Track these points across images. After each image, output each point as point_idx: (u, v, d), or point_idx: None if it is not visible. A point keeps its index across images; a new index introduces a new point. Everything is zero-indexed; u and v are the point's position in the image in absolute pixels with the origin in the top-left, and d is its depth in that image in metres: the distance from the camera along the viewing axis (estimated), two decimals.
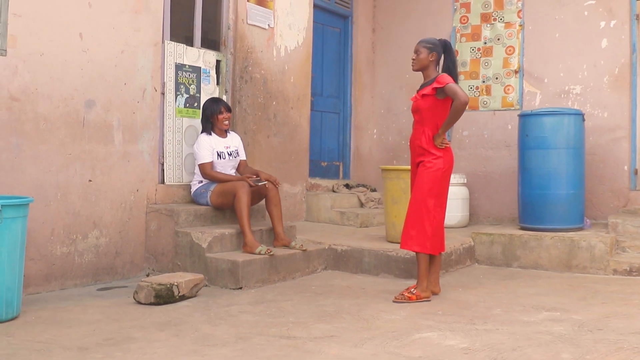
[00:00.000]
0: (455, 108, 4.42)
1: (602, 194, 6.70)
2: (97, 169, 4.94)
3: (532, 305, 4.35)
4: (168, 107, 5.55)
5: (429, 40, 4.69)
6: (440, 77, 4.50)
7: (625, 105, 6.65)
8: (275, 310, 4.19)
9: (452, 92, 4.41)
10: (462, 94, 4.38)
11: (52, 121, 4.63)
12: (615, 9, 6.69)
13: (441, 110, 4.56)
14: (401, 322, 3.91)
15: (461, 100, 4.38)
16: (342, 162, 7.99)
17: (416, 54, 4.67)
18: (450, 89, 4.42)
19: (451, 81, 4.46)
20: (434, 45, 4.63)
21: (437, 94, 4.53)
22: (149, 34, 5.32)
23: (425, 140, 4.57)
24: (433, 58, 4.62)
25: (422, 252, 4.49)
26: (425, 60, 4.63)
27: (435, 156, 4.53)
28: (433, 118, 4.56)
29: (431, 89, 4.54)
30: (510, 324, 3.84)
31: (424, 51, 4.63)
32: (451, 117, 4.48)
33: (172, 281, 4.37)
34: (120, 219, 5.12)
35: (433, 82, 4.54)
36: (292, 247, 5.39)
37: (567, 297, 4.65)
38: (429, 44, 4.64)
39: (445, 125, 4.51)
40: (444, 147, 4.56)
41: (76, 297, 4.50)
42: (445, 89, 4.44)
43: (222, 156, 5.55)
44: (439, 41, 4.69)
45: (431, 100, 4.55)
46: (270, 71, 6.51)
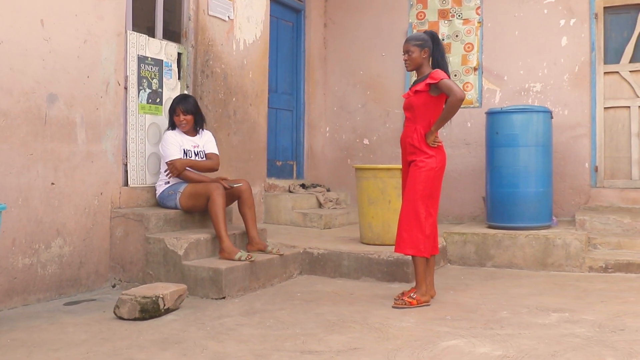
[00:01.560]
0: (450, 104, 4.27)
1: (563, 191, 6.77)
2: (60, 170, 4.46)
3: (535, 307, 4.26)
4: (131, 103, 5.11)
5: (418, 37, 4.50)
6: (434, 72, 4.34)
7: (586, 103, 6.75)
8: (274, 322, 3.89)
9: (447, 88, 4.25)
10: (457, 90, 4.23)
11: (12, 117, 4.12)
12: (574, 8, 6.78)
13: (434, 107, 4.40)
14: (415, 329, 3.72)
15: (457, 97, 4.22)
16: (296, 162, 7.72)
17: (407, 54, 4.46)
18: (445, 85, 4.26)
19: (445, 77, 4.31)
20: (424, 41, 4.45)
21: (430, 90, 4.36)
22: (112, 23, 4.87)
23: (417, 139, 4.39)
24: (425, 55, 4.44)
25: (417, 255, 4.32)
26: (418, 59, 4.44)
27: (428, 155, 4.36)
28: (426, 115, 4.39)
29: (424, 85, 4.36)
30: (528, 328, 3.72)
31: (415, 50, 4.44)
32: (445, 114, 4.32)
33: (157, 293, 3.98)
34: (84, 225, 4.65)
35: (426, 78, 4.37)
36: (269, 251, 5.09)
37: (562, 297, 4.60)
38: (418, 41, 4.45)
39: (438, 123, 4.35)
40: (437, 146, 4.40)
41: (45, 314, 4.02)
42: (439, 85, 4.28)
43: (188, 154, 5.16)
44: (426, 34, 4.52)
45: (424, 97, 4.38)
46: (230, 66, 6.17)
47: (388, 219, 5.47)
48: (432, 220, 4.34)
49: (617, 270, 5.47)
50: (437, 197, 4.40)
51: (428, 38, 4.47)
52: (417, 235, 4.28)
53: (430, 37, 4.48)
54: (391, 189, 5.45)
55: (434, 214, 4.36)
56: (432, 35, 4.51)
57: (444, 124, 4.35)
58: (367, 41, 7.77)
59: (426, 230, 4.29)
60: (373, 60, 7.74)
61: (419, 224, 4.28)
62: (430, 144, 4.37)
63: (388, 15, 7.63)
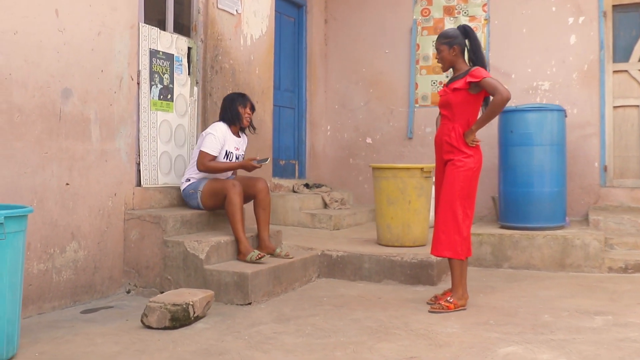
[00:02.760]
0: (495, 104, 4.09)
1: (573, 190, 6.69)
2: (75, 170, 4.19)
3: (574, 310, 4.14)
4: (143, 99, 4.86)
5: (446, 34, 4.32)
6: (475, 70, 4.16)
7: (595, 102, 6.69)
8: (312, 329, 3.69)
9: (491, 88, 4.08)
10: (503, 90, 4.06)
11: (27, 113, 3.85)
12: (583, 6, 6.71)
13: (473, 105, 4.23)
14: (464, 335, 3.56)
15: (503, 96, 4.04)
16: (298, 161, 7.51)
17: (438, 53, 4.31)
18: (489, 84, 4.09)
19: (487, 75, 4.13)
20: (453, 37, 4.27)
21: (470, 89, 4.19)
22: (126, 15, 4.61)
23: (455, 137, 4.23)
24: (456, 52, 4.27)
25: (455, 257, 4.16)
26: (449, 57, 4.27)
27: (466, 154, 4.20)
28: (464, 113, 4.22)
29: (464, 82, 4.18)
30: (579, 332, 3.59)
31: (443, 49, 4.27)
32: (489, 114, 4.14)
33: (187, 300, 3.75)
34: (98, 228, 4.39)
35: (466, 75, 4.19)
36: (277, 254, 4.87)
37: (595, 299, 4.49)
38: (446, 38, 4.28)
39: (480, 122, 4.17)
40: (475, 145, 4.24)
41: (65, 324, 3.76)
42: (481, 84, 4.11)
43: (230, 157, 4.93)
44: (457, 30, 4.35)
45: (463, 95, 4.21)
46: (238, 61, 5.93)
47: (408, 220, 5.31)
48: (468, 222, 4.18)
49: (637, 270, 5.39)
50: (474, 197, 4.24)
51: (458, 33, 4.29)
52: (455, 237, 4.12)
53: (461, 32, 4.31)
54: (411, 189, 5.29)
55: (471, 215, 4.20)
56: (464, 29, 4.33)
57: (486, 123, 4.19)
58: (370, 38, 7.60)
59: (464, 232, 4.13)
60: (376, 57, 7.57)
61: (456, 226, 4.12)
62: (470, 143, 4.21)
63: (391, 12, 7.47)
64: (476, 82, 4.11)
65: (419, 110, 7.35)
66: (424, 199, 5.37)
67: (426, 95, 7.30)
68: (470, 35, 4.30)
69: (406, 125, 7.40)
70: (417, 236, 5.38)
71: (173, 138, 5.17)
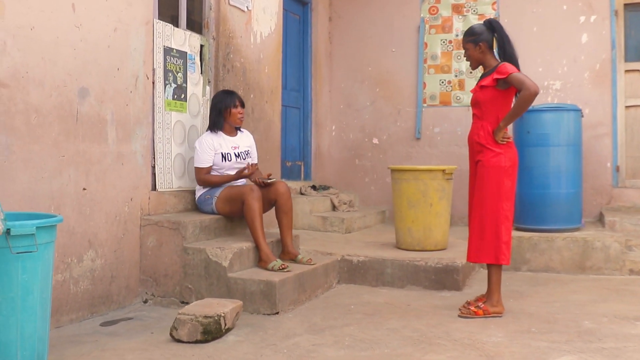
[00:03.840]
0: (522, 99, 3.93)
1: (585, 191, 6.57)
2: (92, 174, 3.96)
3: (613, 315, 4.02)
4: (158, 99, 4.63)
5: (471, 31, 4.15)
6: (502, 66, 4.01)
7: (607, 102, 6.60)
8: (351, 340, 3.51)
9: (518, 82, 3.92)
10: (530, 84, 3.90)
11: (44, 114, 3.62)
12: (595, 4, 6.62)
13: (503, 102, 4.07)
14: (512, 345, 3.40)
15: (530, 91, 3.88)
16: (304, 162, 7.32)
17: (465, 51, 4.16)
18: (516, 79, 3.93)
19: (514, 70, 3.98)
20: (478, 34, 4.11)
21: (497, 85, 4.03)
22: (141, 10, 4.39)
23: (484, 136, 4.06)
24: (482, 49, 4.11)
25: (497, 263, 4.00)
26: (475, 55, 4.12)
27: (495, 153, 4.03)
28: (493, 111, 4.06)
29: (491, 79, 4.03)
30: (628, 340, 3.48)
31: (469, 47, 4.12)
32: (516, 109, 3.99)
33: (218, 312, 3.54)
34: (115, 235, 4.17)
35: (493, 71, 4.05)
36: (299, 260, 4.68)
37: (628, 304, 4.37)
38: (471, 36, 4.11)
39: (507, 118, 4.00)
40: (506, 143, 4.08)
41: (87, 338, 3.54)
42: (508, 80, 3.95)
43: (228, 157, 4.74)
44: (483, 26, 4.19)
45: (491, 92, 4.05)
46: (249, 60, 5.73)
47: (429, 223, 5.16)
48: (508, 225, 4.01)
49: None
50: (512, 198, 4.07)
51: (484, 29, 4.13)
52: (494, 242, 3.96)
53: (487, 27, 4.15)
54: (433, 192, 5.14)
55: (510, 218, 4.04)
56: (491, 23, 4.16)
57: (514, 119, 4.03)
58: (376, 36, 7.43)
59: (503, 236, 3.97)
60: (382, 56, 7.41)
61: (495, 230, 3.96)
62: (499, 140, 4.04)
63: (398, 10, 7.32)
64: (503, 79, 3.96)
65: (427, 110, 7.20)
66: (445, 201, 5.22)
67: (434, 94, 7.16)
68: (497, 29, 4.13)
69: (414, 125, 7.25)
70: (439, 240, 5.23)
71: (186, 139, 4.95)
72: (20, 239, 2.65)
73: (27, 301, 2.71)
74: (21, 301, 2.69)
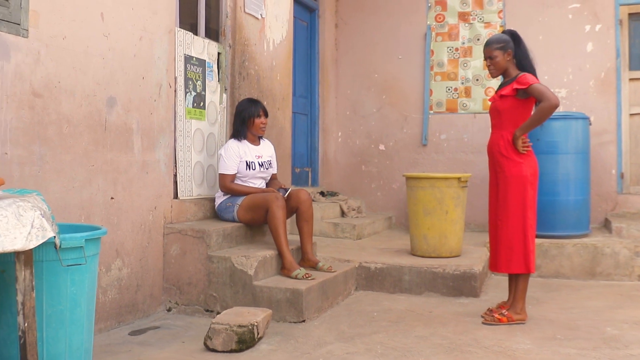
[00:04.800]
0: (542, 110, 3.98)
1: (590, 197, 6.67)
2: (119, 183, 3.97)
3: (633, 321, 4.10)
4: (179, 107, 4.64)
5: (498, 39, 4.19)
6: (522, 76, 4.06)
7: (612, 110, 6.69)
8: (383, 348, 3.55)
9: (539, 94, 3.98)
10: (551, 96, 3.95)
11: (75, 124, 3.62)
12: (600, 13, 6.71)
13: (523, 112, 4.11)
14: (543, 352, 3.46)
15: (551, 103, 3.94)
16: (311, 168, 7.35)
17: (490, 59, 4.16)
18: (537, 90, 3.99)
19: (535, 81, 4.03)
20: (506, 42, 4.17)
21: (517, 95, 4.09)
22: (165, 19, 4.40)
23: (504, 146, 4.11)
24: (510, 57, 4.16)
25: (526, 272, 4.06)
26: (503, 63, 4.16)
27: (516, 162, 4.08)
28: (513, 120, 4.10)
29: (511, 89, 4.08)
30: None
31: (498, 54, 4.14)
32: (534, 120, 4.03)
33: (251, 321, 3.56)
34: (140, 244, 4.17)
35: (513, 81, 4.10)
36: (319, 268, 4.71)
37: None
38: (500, 43, 4.16)
39: (523, 127, 4.02)
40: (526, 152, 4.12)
41: (119, 348, 3.54)
42: (529, 91, 4.01)
43: (252, 166, 4.76)
44: (506, 34, 4.25)
45: (511, 102, 4.10)
46: (262, 67, 5.75)
47: (445, 230, 5.20)
48: (533, 233, 4.07)
49: None
50: (534, 207, 4.12)
51: (509, 38, 4.20)
52: (523, 252, 4.02)
53: (510, 37, 4.21)
54: (449, 199, 5.19)
55: (534, 227, 4.10)
56: (512, 34, 4.23)
57: (530, 129, 4.06)
58: (382, 43, 7.48)
59: (530, 245, 4.03)
60: (389, 63, 7.45)
61: (523, 239, 4.02)
62: (520, 150, 4.09)
63: (404, 17, 7.37)
64: (524, 89, 4.01)
65: (434, 116, 7.26)
66: (460, 209, 5.28)
67: (441, 101, 7.22)
68: (518, 40, 4.20)
69: (420, 131, 7.30)
70: (454, 247, 5.28)
71: (205, 147, 4.96)
72: (70, 252, 2.66)
73: (75, 314, 2.71)
74: (69, 314, 2.69)
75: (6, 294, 2.58)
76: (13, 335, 2.59)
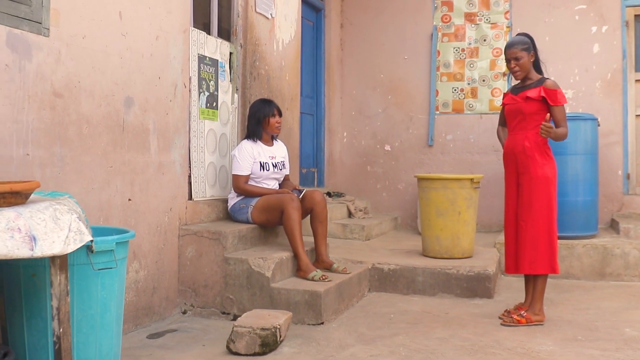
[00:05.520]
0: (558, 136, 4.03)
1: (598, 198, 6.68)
2: (136, 184, 3.92)
3: None
4: (193, 107, 4.60)
5: (521, 40, 4.17)
6: (555, 91, 4.02)
7: (618, 111, 6.70)
8: (407, 351, 3.52)
9: (560, 119, 4.05)
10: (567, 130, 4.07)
11: (94, 124, 3.57)
12: (606, 15, 6.72)
13: (544, 113, 4.12)
14: (566, 353, 3.46)
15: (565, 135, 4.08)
16: (317, 168, 7.32)
17: (516, 60, 4.12)
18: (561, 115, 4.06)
19: (565, 101, 4.08)
20: (529, 43, 4.15)
21: (543, 100, 4.09)
22: (179, 18, 4.35)
23: (530, 147, 4.10)
24: (533, 58, 4.16)
25: (554, 273, 4.07)
26: (527, 64, 4.14)
27: (540, 164, 4.08)
28: (538, 123, 4.09)
29: (539, 95, 4.07)
30: None
31: (523, 54, 4.12)
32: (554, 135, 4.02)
33: (274, 324, 3.52)
34: (156, 245, 4.12)
35: (538, 85, 4.08)
36: (334, 270, 4.68)
37: None
38: (524, 44, 4.13)
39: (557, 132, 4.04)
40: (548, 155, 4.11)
41: (140, 352, 3.50)
42: (553, 110, 4.04)
43: (266, 167, 4.72)
44: (526, 37, 4.24)
45: (538, 106, 4.10)
46: (272, 67, 5.71)
47: (458, 232, 5.19)
48: (556, 233, 4.08)
49: None
50: (556, 208, 4.12)
51: (530, 39, 4.19)
52: (549, 252, 4.04)
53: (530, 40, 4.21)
54: (461, 200, 5.17)
55: (556, 228, 4.10)
56: (530, 37, 4.24)
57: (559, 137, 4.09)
58: (388, 43, 7.46)
59: (555, 245, 4.04)
60: (394, 63, 7.43)
61: (549, 240, 4.04)
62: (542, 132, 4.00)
63: (411, 17, 7.35)
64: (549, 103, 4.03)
65: (440, 117, 7.25)
66: (472, 210, 5.27)
67: (447, 102, 7.20)
68: (535, 44, 4.20)
69: (426, 132, 7.29)
70: (466, 248, 5.26)
71: (217, 148, 4.92)
72: (101, 255, 2.62)
73: (105, 318, 2.67)
74: (100, 318, 2.65)
75: (36, 299, 2.53)
76: (43, 340, 2.55)
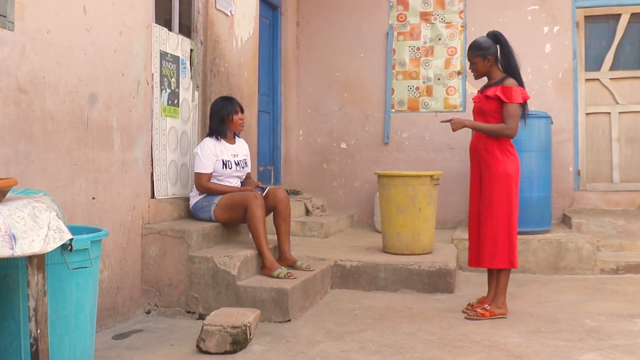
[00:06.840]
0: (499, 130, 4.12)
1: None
2: (100, 182, 3.85)
3: (608, 313, 4.25)
4: (155, 105, 4.54)
5: (478, 45, 4.24)
6: (510, 90, 4.09)
7: (569, 109, 6.91)
8: (377, 346, 3.56)
9: (508, 116, 4.12)
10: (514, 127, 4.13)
11: (58, 121, 3.49)
12: (557, 16, 6.92)
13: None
14: (532, 345, 3.56)
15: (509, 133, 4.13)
16: (274, 167, 7.31)
17: (472, 64, 4.26)
18: (509, 113, 4.12)
19: (518, 100, 4.15)
20: (486, 48, 4.22)
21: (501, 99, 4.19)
22: (142, 13, 4.29)
23: (491, 144, 4.21)
24: (490, 62, 4.25)
25: (511, 267, 4.16)
26: (482, 68, 4.25)
27: (500, 161, 4.18)
28: (498, 121, 4.20)
29: (495, 94, 4.17)
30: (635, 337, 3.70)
31: (478, 61, 4.23)
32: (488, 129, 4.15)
33: (244, 321, 3.51)
34: (120, 245, 4.06)
35: (499, 83, 4.19)
36: (298, 267, 4.69)
37: (615, 302, 4.61)
38: (479, 50, 4.21)
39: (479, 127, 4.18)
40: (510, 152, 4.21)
41: (107, 353, 3.43)
42: (505, 107, 4.13)
43: (229, 165, 4.69)
44: (488, 38, 4.32)
45: (496, 104, 4.20)
46: (231, 64, 5.68)
47: (418, 228, 5.27)
48: (516, 229, 4.18)
49: (628, 271, 5.62)
50: (517, 204, 4.23)
51: (490, 43, 4.26)
52: (508, 247, 4.12)
53: (492, 39, 4.29)
54: (421, 197, 5.25)
55: (516, 223, 4.20)
56: (496, 36, 4.29)
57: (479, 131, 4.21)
58: (344, 42, 7.50)
59: (514, 240, 4.13)
60: (350, 61, 7.48)
61: (507, 235, 4.13)
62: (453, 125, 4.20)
63: (366, 16, 7.41)
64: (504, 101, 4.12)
65: (395, 115, 7.33)
66: (432, 206, 5.35)
67: (403, 100, 7.30)
68: (502, 41, 4.27)
69: (382, 130, 7.36)
70: (426, 244, 5.35)
71: (179, 146, 4.87)
72: (75, 255, 2.56)
73: (79, 319, 2.62)
74: (74, 319, 2.60)
75: (9, 300, 2.46)
76: (16, 342, 2.49)
